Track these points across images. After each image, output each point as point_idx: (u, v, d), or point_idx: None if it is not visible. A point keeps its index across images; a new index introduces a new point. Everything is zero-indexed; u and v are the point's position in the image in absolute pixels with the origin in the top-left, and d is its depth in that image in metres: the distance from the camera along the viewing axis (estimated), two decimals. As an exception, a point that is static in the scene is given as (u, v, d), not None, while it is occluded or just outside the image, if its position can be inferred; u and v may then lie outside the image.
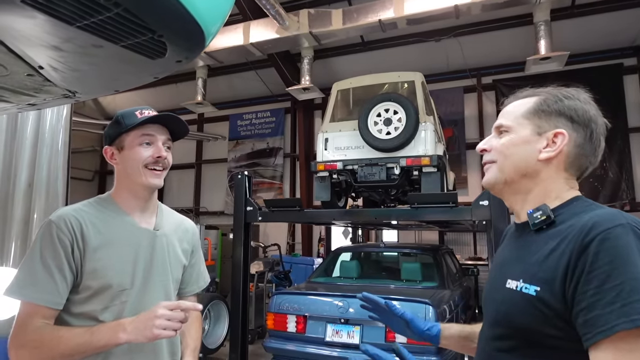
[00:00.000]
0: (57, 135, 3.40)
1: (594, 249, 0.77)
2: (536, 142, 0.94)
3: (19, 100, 1.05)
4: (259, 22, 7.36)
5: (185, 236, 1.44)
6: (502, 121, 1.00)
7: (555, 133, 0.93)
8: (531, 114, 0.97)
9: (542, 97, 0.98)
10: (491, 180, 1.00)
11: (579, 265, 0.78)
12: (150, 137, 1.27)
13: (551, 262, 0.84)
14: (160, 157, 1.27)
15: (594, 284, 0.75)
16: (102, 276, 1.19)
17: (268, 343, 3.94)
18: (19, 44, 0.75)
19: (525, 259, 0.90)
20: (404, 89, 4.87)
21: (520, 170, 0.95)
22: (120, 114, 1.29)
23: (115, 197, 1.31)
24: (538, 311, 0.82)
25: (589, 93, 1.01)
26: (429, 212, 3.63)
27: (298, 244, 10.52)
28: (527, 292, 0.85)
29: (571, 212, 0.89)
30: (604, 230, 0.78)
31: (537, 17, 6.50)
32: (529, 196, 0.96)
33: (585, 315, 0.75)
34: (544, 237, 0.89)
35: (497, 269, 1.02)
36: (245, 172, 4.28)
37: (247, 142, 11.46)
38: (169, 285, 1.33)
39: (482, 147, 1.02)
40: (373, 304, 1.20)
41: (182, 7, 0.69)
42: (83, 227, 1.19)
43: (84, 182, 12.55)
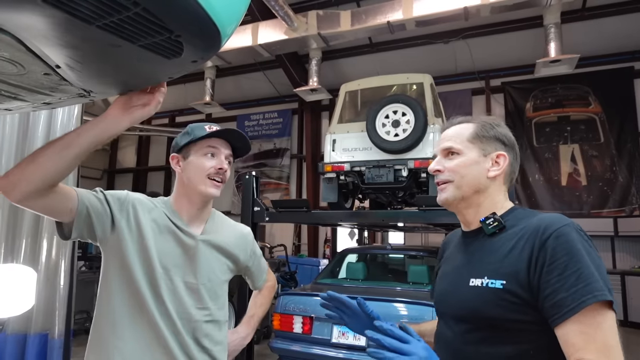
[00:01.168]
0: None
1: (552, 244, 0.93)
2: (483, 162, 1.11)
3: (35, 99, 1.06)
4: (268, 23, 7.38)
5: (242, 242, 1.50)
6: (452, 144, 1.13)
7: (498, 155, 1.11)
8: (475, 139, 1.12)
9: (479, 125, 1.14)
10: (450, 198, 1.11)
11: (540, 258, 0.93)
12: (215, 150, 1.35)
13: (512, 258, 0.98)
14: (221, 169, 1.34)
15: (556, 273, 0.90)
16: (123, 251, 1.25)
17: (274, 343, 3.94)
18: (37, 43, 0.75)
19: (486, 259, 1.04)
20: (412, 91, 4.86)
21: (474, 186, 1.10)
22: (190, 127, 1.39)
23: (173, 201, 1.38)
24: (506, 301, 0.95)
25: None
26: (437, 215, 3.62)
27: (304, 245, 10.53)
28: (493, 286, 0.98)
29: (516, 218, 1.07)
30: (557, 229, 0.94)
31: (547, 19, 6.46)
32: (480, 208, 1.11)
33: (552, 299, 0.89)
34: (499, 240, 1.04)
35: (454, 272, 1.14)
36: (253, 172, 4.29)
37: (255, 142, 11.48)
38: (202, 287, 1.33)
39: (437, 168, 1.14)
40: (337, 303, 1.23)
41: (200, 8, 0.69)
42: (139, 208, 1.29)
43: (93, 180, 12.63)
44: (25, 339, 3.20)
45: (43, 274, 3.24)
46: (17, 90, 0.99)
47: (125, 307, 1.23)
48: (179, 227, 1.32)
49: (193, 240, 1.33)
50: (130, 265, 1.23)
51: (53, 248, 3.31)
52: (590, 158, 8.37)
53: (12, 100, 1.08)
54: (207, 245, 1.36)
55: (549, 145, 8.64)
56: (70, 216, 1.16)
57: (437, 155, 1.17)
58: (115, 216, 1.25)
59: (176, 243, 1.31)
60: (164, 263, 1.27)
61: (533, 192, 8.58)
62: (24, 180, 1.03)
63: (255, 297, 1.68)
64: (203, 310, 1.31)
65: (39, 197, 1.06)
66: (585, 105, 8.51)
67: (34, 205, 1.08)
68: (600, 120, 8.38)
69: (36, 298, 3.18)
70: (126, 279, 1.24)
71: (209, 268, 1.35)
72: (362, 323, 1.20)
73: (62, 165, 1.05)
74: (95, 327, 1.27)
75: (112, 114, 1.08)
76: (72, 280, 3.36)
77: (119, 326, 1.22)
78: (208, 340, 1.31)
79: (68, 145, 1.05)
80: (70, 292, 3.33)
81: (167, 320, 1.24)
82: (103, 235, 1.25)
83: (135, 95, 1.08)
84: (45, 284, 3.24)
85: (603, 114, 8.36)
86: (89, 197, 1.20)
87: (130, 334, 1.22)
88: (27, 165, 1.04)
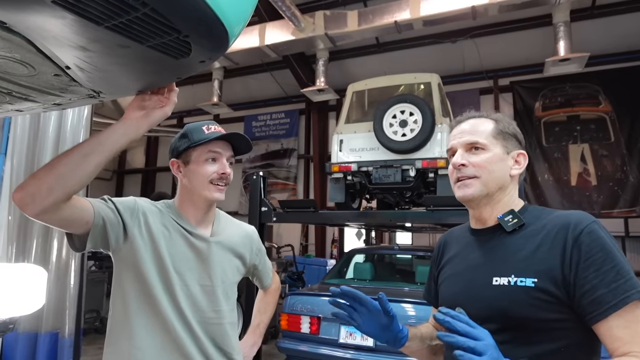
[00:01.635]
0: (77, 135, 3.47)
1: (585, 240, 0.92)
2: (506, 160, 1.09)
3: (45, 100, 1.07)
4: (275, 23, 7.40)
5: (248, 241, 1.49)
6: (477, 139, 1.09)
7: (519, 153, 1.11)
8: (498, 135, 1.10)
9: (498, 121, 1.12)
10: (476, 194, 1.08)
11: (574, 254, 0.92)
12: (216, 154, 1.32)
13: (542, 255, 0.96)
14: (224, 174, 1.32)
15: (593, 269, 0.90)
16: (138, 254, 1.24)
17: (281, 343, 3.94)
18: (47, 45, 0.76)
19: (510, 258, 1.01)
20: (420, 91, 4.84)
21: (498, 184, 1.08)
22: (188, 129, 1.35)
23: (178, 205, 1.36)
24: (538, 300, 0.93)
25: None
26: (444, 215, 3.60)
27: (311, 245, 10.53)
28: (523, 284, 0.96)
29: (532, 215, 1.06)
30: (587, 225, 0.94)
31: (556, 18, 6.40)
32: (497, 205, 1.09)
33: (591, 295, 0.88)
34: (520, 237, 1.03)
35: (470, 271, 1.10)
36: (261, 172, 4.30)
37: (262, 143, 11.51)
38: (217, 289, 1.33)
39: (462, 162, 1.09)
40: (351, 300, 1.12)
41: (208, 8, 0.69)
42: (149, 215, 1.28)
43: (102, 181, 12.76)
44: (36, 337, 3.24)
45: (53, 274, 3.28)
46: (28, 92, 1.00)
47: (142, 315, 1.22)
48: (189, 230, 1.32)
49: (205, 242, 1.33)
50: (145, 273, 1.22)
51: (63, 248, 3.35)
52: (601, 158, 8.27)
53: (23, 101, 1.09)
54: (219, 247, 1.36)
55: (559, 145, 8.56)
56: (85, 228, 1.13)
57: (458, 148, 1.12)
58: (127, 225, 1.23)
59: (188, 246, 1.30)
60: (178, 268, 1.26)
61: (542, 192, 8.50)
62: (44, 192, 0.98)
63: (259, 303, 1.65)
64: (218, 312, 1.31)
65: (56, 210, 1.01)
66: (595, 105, 8.42)
67: (50, 218, 1.03)
68: (611, 120, 8.28)
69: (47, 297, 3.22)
70: (142, 287, 1.23)
71: (221, 269, 1.34)
72: (376, 323, 1.11)
73: (84, 174, 1.02)
74: (111, 336, 1.26)
75: (131, 117, 1.07)
76: (82, 280, 3.39)
77: (136, 334, 1.21)
78: (225, 342, 1.31)
79: (89, 153, 1.02)
80: (80, 291, 3.37)
81: (185, 325, 1.24)
82: (116, 245, 1.23)
83: (151, 98, 1.08)
84: (55, 283, 3.28)
85: (613, 113, 8.26)
86: (103, 209, 1.18)
87: (147, 342, 1.21)
88: (45, 176, 0.99)
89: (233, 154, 1.38)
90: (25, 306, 2.02)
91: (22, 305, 2.00)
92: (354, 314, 1.11)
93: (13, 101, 1.09)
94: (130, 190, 13.06)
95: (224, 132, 1.35)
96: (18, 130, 3.46)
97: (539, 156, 8.64)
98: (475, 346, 0.83)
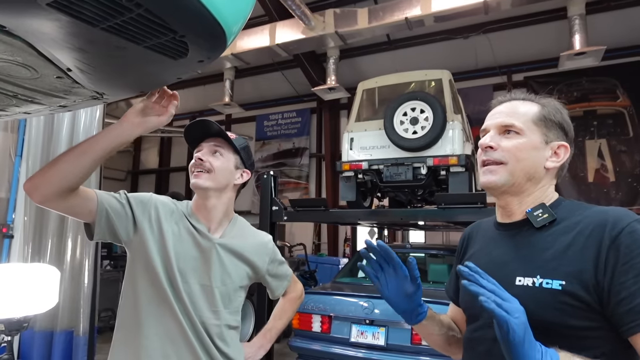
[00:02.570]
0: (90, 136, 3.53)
1: (625, 241, 0.81)
2: (543, 150, 0.98)
3: (50, 102, 1.09)
4: (285, 22, 7.39)
5: (262, 249, 1.49)
6: (514, 121, 0.99)
7: (559, 145, 0.99)
8: (540, 121, 0.99)
9: (545, 106, 1.01)
10: (499, 183, 0.98)
11: (611, 257, 0.82)
12: (199, 147, 1.41)
13: (573, 256, 0.86)
14: (199, 159, 1.36)
15: (632, 274, 0.79)
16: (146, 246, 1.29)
17: (293, 342, 3.95)
18: (47, 47, 0.77)
19: (536, 256, 0.92)
20: (430, 88, 4.79)
21: (528, 174, 0.98)
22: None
23: (193, 205, 1.42)
24: (565, 304, 0.84)
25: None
26: (456, 213, 3.55)
27: (324, 244, 10.52)
28: (549, 287, 0.86)
29: (566, 210, 0.95)
30: (629, 224, 0.83)
31: (571, 10, 6.26)
32: (528, 198, 0.99)
33: (629, 303, 0.78)
34: (550, 234, 0.92)
35: (492, 268, 0.97)
36: (271, 172, 4.30)
37: (274, 142, 11.54)
38: (216, 290, 1.33)
39: (490, 144, 0.99)
40: (380, 257, 1.03)
41: (203, 8, 0.69)
42: (161, 210, 1.33)
43: (117, 181, 12.94)
44: (52, 335, 3.30)
45: (68, 273, 3.33)
46: (32, 94, 1.02)
47: (151, 306, 1.26)
48: (198, 229, 1.35)
49: (210, 242, 1.35)
50: (153, 265, 1.27)
51: (77, 248, 3.41)
52: (619, 153, 8.08)
53: (29, 103, 1.11)
54: (224, 249, 1.37)
55: (575, 141, 8.34)
56: (92, 217, 1.22)
57: (490, 129, 1.02)
58: (137, 218, 1.29)
59: (194, 245, 1.33)
60: (181, 266, 1.29)
61: (558, 189, 8.11)
62: (45, 183, 1.11)
63: (277, 308, 1.64)
64: (216, 312, 1.32)
65: (59, 199, 1.13)
66: (613, 99, 8.22)
67: (55, 206, 1.15)
68: (629, 114, 8.07)
69: (62, 296, 3.29)
70: (151, 279, 1.27)
71: (224, 271, 1.35)
72: (399, 289, 1.04)
73: (80, 169, 1.12)
74: (120, 326, 1.30)
75: (128, 121, 1.16)
76: (96, 279, 3.45)
77: (145, 324, 1.25)
78: (223, 343, 1.32)
79: (85, 151, 1.13)
80: (94, 290, 3.42)
81: (189, 320, 1.27)
82: (127, 237, 1.29)
83: (150, 106, 1.17)
84: (70, 282, 3.34)
85: (632, 108, 8.05)
86: (108, 200, 1.25)
87: (155, 332, 1.24)
88: (48, 169, 1.12)
89: (218, 143, 1.41)
90: (38, 305, 2.05)
91: (36, 305, 2.04)
92: (379, 272, 1.05)
93: (19, 104, 1.11)
94: (144, 191, 12.76)
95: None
96: (33, 133, 3.53)
97: (554, 152, 8.47)
98: (502, 304, 0.76)
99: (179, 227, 1.34)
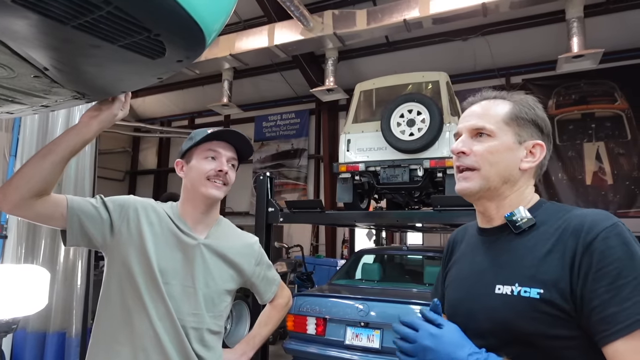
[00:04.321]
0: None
1: (599, 247, 0.78)
2: (517, 151, 0.95)
3: (32, 101, 1.07)
4: (284, 24, 7.39)
5: (248, 251, 1.46)
6: (484, 124, 0.96)
7: (534, 144, 0.95)
8: (511, 120, 0.96)
9: (517, 104, 0.97)
10: (474, 189, 0.96)
11: (584, 263, 0.79)
12: (215, 153, 1.35)
13: (551, 263, 0.84)
14: (221, 171, 1.33)
15: (605, 281, 0.77)
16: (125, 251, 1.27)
17: (288, 344, 3.93)
18: (21, 46, 0.75)
19: (515, 263, 0.89)
20: (428, 89, 4.78)
21: (503, 177, 0.95)
22: (194, 132, 1.41)
23: (179, 206, 1.39)
24: (543, 314, 0.81)
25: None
26: (452, 215, 3.54)
27: (322, 246, 10.50)
28: (527, 295, 0.84)
29: (547, 213, 0.92)
30: (605, 229, 0.80)
31: (569, 13, 6.25)
32: (504, 201, 0.96)
33: (600, 313, 0.76)
34: (529, 240, 0.89)
35: (473, 276, 0.98)
36: (267, 173, 4.29)
37: (272, 143, 11.53)
38: (199, 292, 1.31)
39: (462, 149, 0.96)
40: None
41: (177, 5, 0.67)
42: (141, 212, 1.31)
43: (115, 182, 12.91)
44: (44, 337, 3.28)
45: (61, 274, 3.31)
46: (12, 94, 1.00)
47: (125, 312, 1.23)
48: (182, 230, 1.33)
49: (194, 241, 1.32)
50: (130, 270, 1.24)
51: (71, 249, 3.39)
52: (617, 156, 8.07)
53: (10, 103, 1.09)
54: (208, 250, 1.35)
55: (573, 143, 8.37)
56: (64, 223, 1.20)
57: (462, 133, 0.99)
58: (114, 221, 1.27)
59: (177, 246, 1.31)
60: (163, 267, 1.26)
61: (556, 192, 8.34)
62: (12, 190, 1.11)
63: (262, 315, 1.61)
64: (197, 316, 1.29)
65: (27, 206, 1.12)
66: (611, 102, 8.21)
67: (25, 213, 1.15)
68: (627, 117, 8.06)
69: (54, 298, 3.27)
70: (127, 284, 1.24)
71: (207, 273, 1.33)
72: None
73: (43, 172, 1.11)
74: (96, 332, 1.28)
75: (82, 120, 1.17)
76: (89, 280, 3.43)
77: (118, 330, 1.23)
78: (203, 348, 1.29)
79: (46, 154, 1.12)
80: (87, 291, 3.40)
81: (166, 323, 1.24)
82: (103, 241, 1.26)
83: (102, 102, 1.17)
84: (63, 283, 3.32)
85: (630, 110, 8.04)
86: (81, 204, 1.23)
87: (129, 338, 1.22)
88: (14, 176, 1.12)
89: (235, 156, 1.40)
90: (28, 307, 2.03)
91: (25, 306, 2.02)
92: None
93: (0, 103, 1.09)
94: (143, 191, 13.21)
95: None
96: (27, 133, 3.51)
97: (552, 155, 8.41)
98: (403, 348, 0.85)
99: (162, 228, 1.31)
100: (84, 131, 1.15)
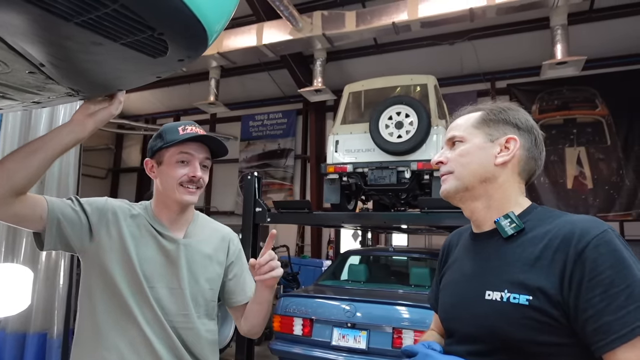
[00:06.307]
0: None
1: (591, 255, 0.79)
2: (490, 148, 0.98)
3: (23, 98, 1.05)
4: (273, 23, 7.36)
5: (221, 245, 1.42)
6: (455, 133, 1.03)
7: (507, 139, 0.98)
8: (480, 124, 1.01)
9: (486, 110, 1.03)
10: (451, 189, 1.01)
11: (577, 273, 0.79)
12: (188, 156, 1.29)
13: (540, 270, 0.84)
14: (194, 177, 1.29)
15: (599, 290, 0.77)
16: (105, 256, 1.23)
17: (274, 345, 3.92)
18: (18, 41, 0.74)
19: (505, 268, 0.90)
20: (416, 92, 4.83)
21: (479, 175, 0.97)
22: (163, 128, 1.33)
23: (153, 206, 1.35)
24: (533, 320, 0.82)
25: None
26: (439, 217, 3.58)
27: (307, 246, 10.49)
28: (516, 301, 0.84)
29: (537, 219, 0.93)
30: (596, 236, 0.80)
31: (553, 21, 6.38)
32: (491, 202, 0.98)
33: (595, 322, 0.76)
34: (519, 245, 0.90)
35: (464, 281, 0.99)
36: (255, 173, 4.27)
37: (259, 142, 11.47)
38: (186, 292, 1.28)
39: (438, 159, 1.04)
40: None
41: (183, 5, 0.67)
42: (120, 215, 1.27)
43: (97, 179, 12.68)
44: (24, 338, 3.20)
45: (43, 273, 3.24)
46: (3, 89, 0.97)
47: (111, 318, 1.20)
48: (160, 232, 1.29)
49: (174, 244, 1.29)
50: (112, 275, 1.20)
51: (53, 247, 3.32)
52: (597, 161, 8.27)
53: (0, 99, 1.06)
54: (190, 249, 1.32)
55: (555, 148, 8.56)
56: (41, 225, 1.14)
57: (443, 147, 1.08)
58: (93, 225, 1.22)
59: (157, 249, 1.27)
60: (146, 271, 1.23)
61: (538, 195, 8.50)
62: None
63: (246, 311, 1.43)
64: (186, 316, 1.27)
65: (7, 205, 1.05)
66: (592, 108, 8.42)
67: (1, 213, 1.07)
68: (607, 123, 8.28)
69: (36, 298, 3.19)
70: (110, 289, 1.20)
71: (192, 273, 1.30)
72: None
73: (29, 170, 1.05)
74: (77, 341, 1.24)
75: (76, 118, 1.12)
76: (72, 280, 3.36)
77: (105, 337, 1.19)
78: (197, 347, 1.27)
79: (35, 150, 1.06)
80: (69, 291, 3.33)
81: (155, 326, 1.21)
82: (81, 246, 1.22)
83: (96, 99, 1.12)
84: (45, 283, 3.24)
85: (610, 117, 8.26)
86: (61, 207, 1.18)
87: (117, 343, 1.18)
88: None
89: (209, 156, 1.34)
90: (9, 307, 1.98)
91: (6, 306, 1.97)
92: None
93: (-10, 99, 1.06)
94: (126, 189, 13.00)
95: (201, 133, 1.31)
96: (9, 128, 3.42)
97: (535, 159, 8.62)
98: None
99: (140, 230, 1.27)
100: (78, 130, 1.10)
